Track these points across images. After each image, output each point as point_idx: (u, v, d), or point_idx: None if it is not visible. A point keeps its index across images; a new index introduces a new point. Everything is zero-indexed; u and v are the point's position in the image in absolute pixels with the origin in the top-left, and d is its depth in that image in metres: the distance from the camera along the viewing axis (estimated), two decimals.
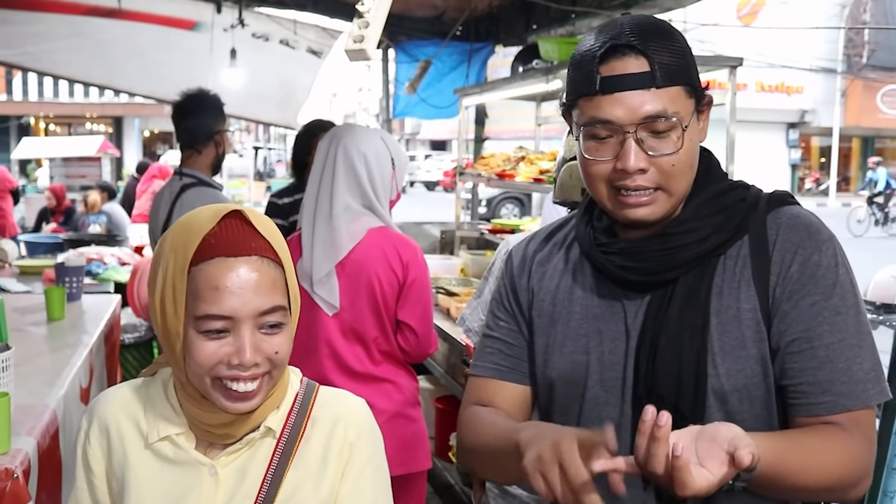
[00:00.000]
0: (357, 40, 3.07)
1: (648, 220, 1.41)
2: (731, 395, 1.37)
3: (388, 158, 2.81)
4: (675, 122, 1.36)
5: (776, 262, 1.39)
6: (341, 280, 2.74)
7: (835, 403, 1.35)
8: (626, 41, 1.36)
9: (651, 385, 1.39)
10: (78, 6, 7.05)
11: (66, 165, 15.95)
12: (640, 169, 1.36)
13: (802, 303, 1.37)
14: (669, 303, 1.41)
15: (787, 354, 1.37)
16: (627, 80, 1.35)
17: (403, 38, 7.78)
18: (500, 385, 1.60)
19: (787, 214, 1.43)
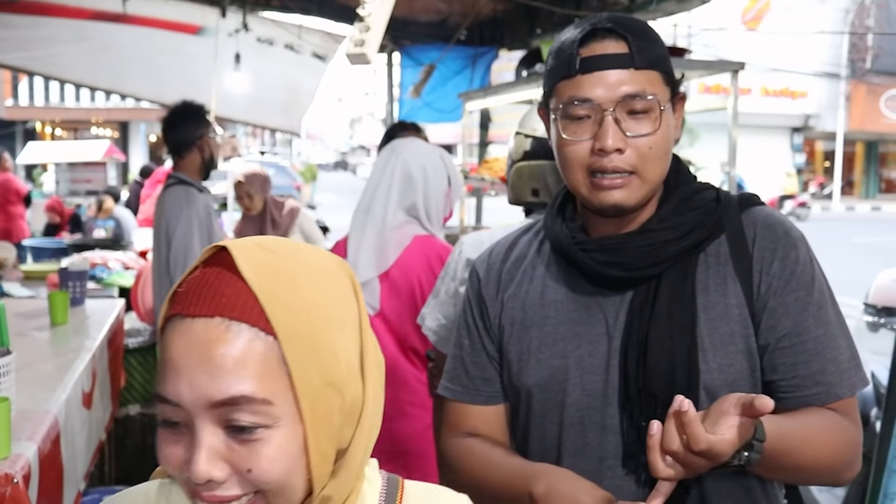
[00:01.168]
0: (358, 44, 3.08)
1: (623, 205, 1.41)
2: (721, 390, 1.37)
3: (445, 175, 2.87)
4: (653, 101, 1.38)
5: (757, 259, 1.42)
6: (384, 285, 2.79)
7: (827, 393, 1.39)
8: (605, 25, 1.40)
9: (643, 384, 1.39)
10: (83, 11, 7.06)
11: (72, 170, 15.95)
12: (617, 149, 1.37)
13: (788, 299, 1.40)
14: (655, 299, 1.41)
15: (778, 350, 1.40)
16: (607, 59, 1.38)
17: (407, 42, 7.78)
18: (472, 410, 1.60)
19: (762, 214, 1.47)
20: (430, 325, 2.30)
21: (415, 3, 7.03)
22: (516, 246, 1.64)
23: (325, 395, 0.89)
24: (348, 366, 0.92)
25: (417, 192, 2.80)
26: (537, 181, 2.12)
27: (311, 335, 0.88)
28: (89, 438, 2.97)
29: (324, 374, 0.89)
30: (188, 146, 3.92)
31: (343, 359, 0.91)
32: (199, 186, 3.92)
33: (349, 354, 0.93)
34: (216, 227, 3.93)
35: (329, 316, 0.91)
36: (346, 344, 0.92)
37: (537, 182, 2.12)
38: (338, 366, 0.90)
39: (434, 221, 2.86)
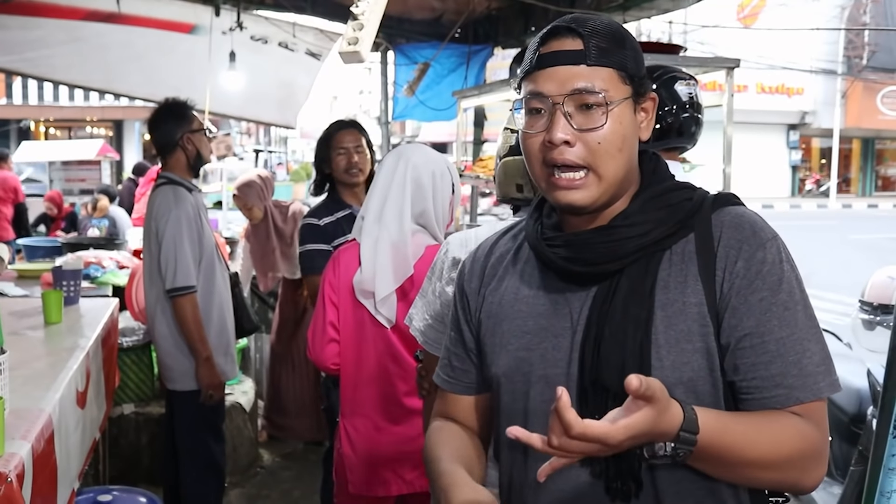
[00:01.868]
0: (351, 42, 3.07)
1: (579, 204, 1.44)
2: (676, 387, 1.37)
3: (451, 183, 2.87)
4: (602, 98, 1.41)
5: (721, 257, 1.42)
6: (400, 298, 2.80)
7: (787, 396, 1.37)
8: (565, 24, 1.44)
9: (595, 376, 1.41)
10: (76, 11, 7.06)
11: (66, 169, 15.93)
12: (565, 141, 1.41)
13: (751, 298, 1.40)
14: (614, 295, 1.44)
15: (739, 350, 1.40)
16: (560, 55, 1.43)
17: (402, 40, 7.79)
18: (452, 398, 1.72)
19: (731, 214, 1.47)
20: (417, 326, 2.31)
21: (409, 1, 7.04)
22: (499, 243, 1.70)
23: None
24: None
25: (427, 200, 2.80)
26: (521, 176, 2.12)
27: None
28: (83, 437, 2.97)
29: None
30: (172, 146, 3.91)
31: None
32: (189, 185, 3.91)
33: None
34: (207, 227, 3.92)
35: None
36: None
37: (521, 177, 2.12)
38: None
39: (440, 228, 2.86)
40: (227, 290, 4.04)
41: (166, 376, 3.94)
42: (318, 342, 2.87)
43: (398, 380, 2.82)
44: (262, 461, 5.48)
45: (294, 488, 5.08)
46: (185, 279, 3.74)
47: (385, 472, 2.84)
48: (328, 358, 2.87)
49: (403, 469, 2.84)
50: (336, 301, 2.85)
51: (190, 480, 3.96)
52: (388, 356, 2.80)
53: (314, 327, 2.90)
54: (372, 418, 2.86)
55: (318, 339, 2.87)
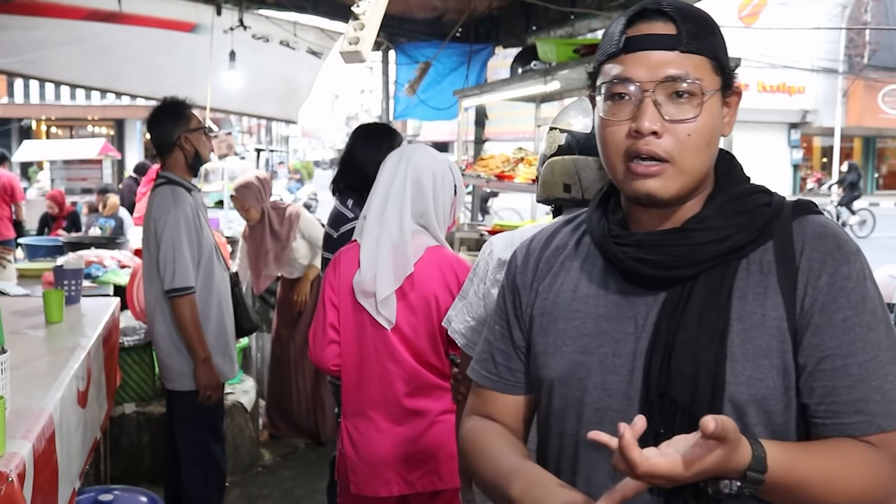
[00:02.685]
0: (352, 42, 3.07)
1: (656, 194, 1.35)
2: (749, 405, 1.31)
3: (452, 184, 2.86)
4: (697, 86, 1.32)
5: (804, 270, 1.33)
6: (400, 299, 2.79)
7: (868, 423, 1.28)
8: (655, 6, 1.35)
9: (665, 388, 1.32)
10: (78, 10, 7.06)
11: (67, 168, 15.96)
12: (653, 131, 1.32)
13: (835, 317, 1.30)
14: (688, 302, 1.34)
15: (819, 371, 1.30)
16: (651, 39, 1.34)
17: (403, 39, 7.78)
18: (493, 396, 1.61)
19: (814, 223, 1.38)
20: (457, 328, 2.24)
21: (410, 1, 7.04)
22: (557, 235, 1.59)
23: None
24: None
25: (428, 200, 2.79)
26: (570, 176, 2.08)
27: None
28: (84, 437, 2.97)
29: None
30: (170, 145, 3.91)
31: None
32: (188, 185, 3.91)
33: None
34: (206, 226, 3.92)
35: None
36: None
37: (570, 178, 2.08)
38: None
39: (441, 229, 2.86)
40: (227, 290, 4.04)
41: (165, 376, 3.94)
42: (318, 343, 2.87)
43: (398, 380, 2.82)
44: (264, 460, 5.49)
45: (295, 487, 5.08)
46: (183, 280, 3.74)
47: (387, 472, 2.84)
48: (329, 359, 2.87)
49: (405, 469, 2.84)
50: (336, 302, 2.86)
51: (191, 480, 3.96)
52: (389, 357, 2.81)
53: (314, 328, 2.90)
54: (373, 419, 2.87)
55: (319, 340, 2.87)
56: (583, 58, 4.14)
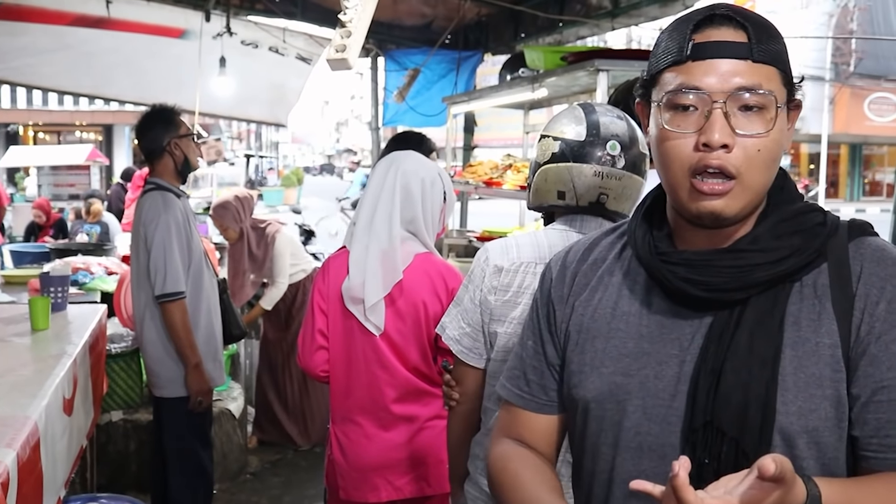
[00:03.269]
0: (339, 49, 3.07)
1: (722, 214, 1.26)
2: (800, 436, 1.24)
3: (442, 190, 2.86)
4: (771, 99, 1.24)
5: (861, 296, 1.25)
6: (388, 306, 2.79)
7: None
8: (724, 12, 1.26)
9: (710, 416, 1.24)
10: (65, 16, 7.04)
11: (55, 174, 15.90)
12: (724, 144, 1.23)
13: (893, 346, 1.23)
14: (738, 327, 1.26)
15: (873, 403, 1.22)
16: (723, 47, 1.25)
17: (392, 46, 7.80)
18: (524, 415, 1.53)
19: (872, 246, 1.30)
20: (451, 334, 2.23)
21: (399, 7, 7.05)
22: (597, 247, 1.51)
23: None
24: None
25: (417, 207, 2.79)
26: (564, 184, 2.09)
27: None
28: (70, 445, 2.95)
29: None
30: (159, 151, 3.90)
31: None
32: (177, 191, 3.91)
33: None
34: (196, 232, 3.92)
35: None
36: None
37: (564, 185, 2.09)
38: None
39: (431, 236, 2.86)
40: (216, 296, 4.03)
41: (154, 383, 3.92)
42: (307, 349, 2.87)
43: (387, 386, 2.81)
44: (252, 467, 5.47)
45: (284, 494, 5.07)
46: (174, 285, 3.73)
47: (375, 478, 2.84)
48: (317, 365, 2.87)
49: (393, 475, 2.84)
50: (325, 308, 2.85)
51: (178, 487, 3.94)
52: (377, 363, 2.80)
53: (303, 335, 2.90)
54: (361, 425, 2.86)
55: (308, 346, 2.87)
56: (570, 65, 4.15)
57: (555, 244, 2.13)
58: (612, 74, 3.85)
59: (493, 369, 2.17)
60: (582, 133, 2.07)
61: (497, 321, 2.14)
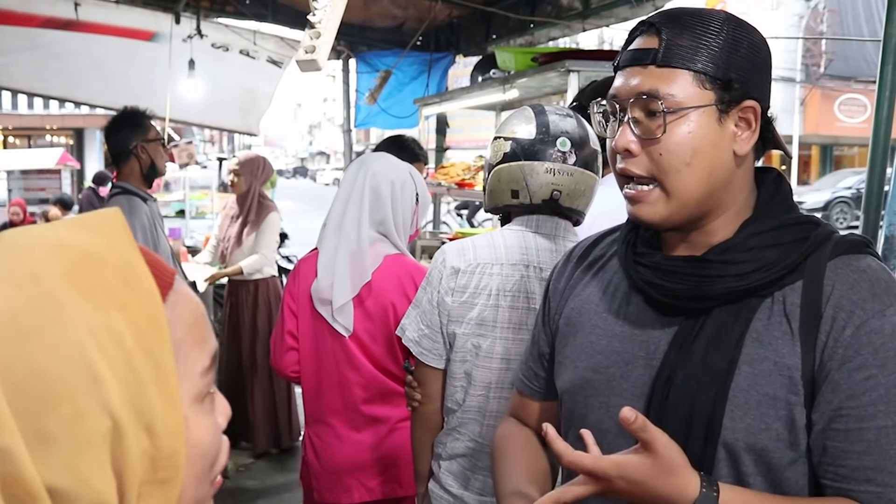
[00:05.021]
0: (309, 51, 3.07)
1: (648, 220, 1.29)
2: (746, 454, 1.22)
3: (413, 192, 2.86)
4: (661, 104, 1.24)
5: (828, 319, 1.21)
6: (357, 307, 2.79)
7: (878, 495, 1.17)
8: (651, 19, 1.30)
9: (660, 423, 1.21)
10: (34, 18, 6.97)
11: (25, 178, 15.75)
12: (626, 149, 1.27)
13: (856, 375, 1.18)
14: (696, 337, 1.26)
15: (831, 431, 1.19)
16: (633, 55, 1.29)
17: (364, 48, 7.80)
18: (524, 399, 1.63)
19: (851, 267, 1.24)
20: (411, 336, 2.24)
21: (370, 9, 7.04)
22: (599, 244, 1.54)
23: None
24: None
25: (387, 208, 2.78)
26: (517, 182, 2.11)
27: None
28: None
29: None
30: (126, 154, 3.88)
31: None
32: (144, 195, 3.88)
33: None
34: (162, 236, 3.90)
35: None
36: None
37: (517, 183, 2.11)
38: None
39: (402, 238, 2.86)
40: None
41: None
42: (277, 350, 2.88)
43: (357, 387, 2.82)
44: (226, 471, 5.44)
45: (258, 498, 5.05)
46: None
47: (348, 479, 2.84)
48: (287, 366, 2.87)
49: (365, 476, 2.84)
50: (295, 310, 2.86)
51: None
52: (347, 364, 2.80)
53: (275, 336, 2.91)
54: (333, 426, 2.86)
55: (278, 347, 2.87)
56: (541, 66, 4.17)
57: (511, 245, 2.15)
58: (584, 75, 3.86)
59: (453, 370, 2.19)
60: (532, 132, 2.10)
61: (455, 322, 2.15)
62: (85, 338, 0.62)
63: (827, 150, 35.30)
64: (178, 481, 0.68)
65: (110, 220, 0.70)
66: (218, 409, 0.78)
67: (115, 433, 0.63)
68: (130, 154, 3.88)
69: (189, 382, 0.72)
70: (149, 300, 0.67)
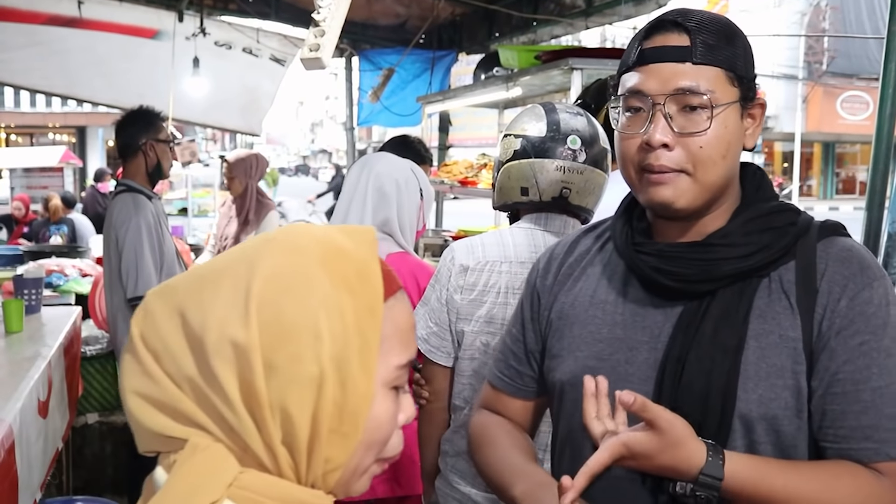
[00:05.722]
0: (313, 49, 3.07)
1: (670, 203, 1.34)
2: (759, 423, 1.30)
3: (417, 188, 2.85)
4: (707, 100, 1.31)
5: (823, 293, 1.32)
6: None
7: (876, 451, 1.26)
8: (671, 18, 1.35)
9: (675, 402, 1.30)
10: (38, 15, 6.99)
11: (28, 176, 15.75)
12: (664, 144, 1.32)
13: (851, 341, 1.29)
14: (704, 317, 1.34)
15: (830, 395, 1.29)
16: (664, 51, 1.33)
17: (367, 46, 7.80)
18: (502, 396, 1.63)
19: (839, 246, 1.36)
20: (419, 334, 2.23)
21: (374, 7, 7.04)
22: (580, 243, 1.58)
23: None
24: None
25: (391, 207, 2.78)
26: (527, 180, 2.11)
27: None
28: (45, 447, 2.94)
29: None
30: (133, 151, 3.89)
31: None
32: (149, 193, 3.89)
33: None
34: (167, 234, 3.90)
35: None
36: None
37: (527, 181, 2.11)
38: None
39: (407, 236, 2.85)
40: None
41: None
42: None
43: None
44: None
45: None
46: (146, 287, 3.70)
47: None
48: None
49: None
50: None
51: None
52: None
53: None
54: None
55: None
56: (544, 64, 4.17)
57: (520, 243, 2.15)
58: (586, 73, 3.87)
59: (461, 368, 2.19)
60: (543, 129, 2.10)
61: (464, 320, 2.16)
62: (319, 304, 0.83)
63: (829, 147, 35.26)
64: (355, 438, 0.86)
65: (363, 232, 0.93)
66: (402, 406, 0.94)
67: (319, 380, 0.82)
68: (138, 150, 3.89)
69: (385, 368, 0.90)
70: (373, 294, 0.88)
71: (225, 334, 0.82)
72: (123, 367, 0.88)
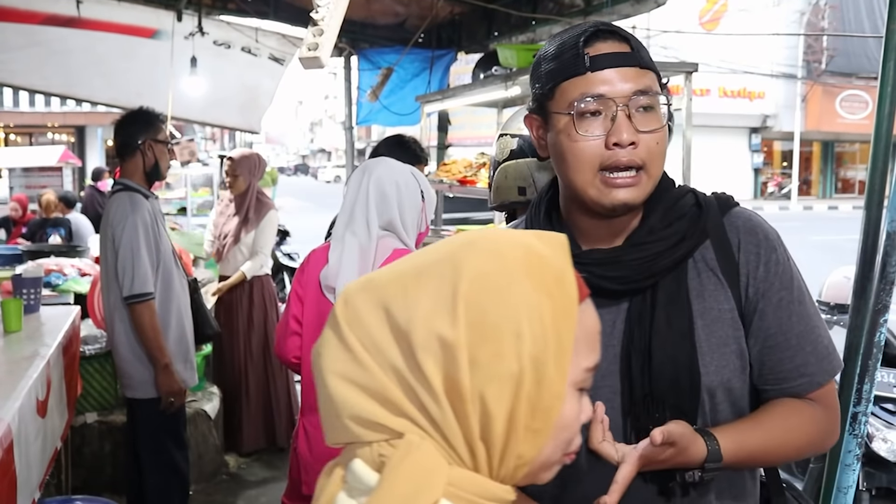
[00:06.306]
0: (311, 48, 3.07)
1: (631, 203, 1.43)
2: (718, 389, 1.45)
3: (418, 190, 2.89)
4: (658, 99, 1.42)
5: (743, 264, 1.48)
6: None
7: (810, 382, 1.48)
8: (604, 28, 1.44)
9: (649, 389, 1.43)
10: (36, 15, 6.98)
11: (27, 176, 15.76)
12: (632, 142, 1.40)
13: (773, 299, 1.47)
14: (654, 308, 1.45)
15: (766, 349, 1.47)
16: (615, 57, 1.42)
17: (366, 45, 7.79)
18: None
19: (742, 218, 1.52)
20: None
21: (372, 6, 7.04)
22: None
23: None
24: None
25: (393, 209, 2.82)
26: (524, 179, 2.11)
27: None
28: (44, 447, 2.94)
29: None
30: (131, 150, 3.90)
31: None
32: (146, 192, 3.89)
33: None
34: (164, 233, 3.90)
35: None
36: None
37: (524, 180, 2.12)
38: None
39: (411, 235, 2.88)
40: (186, 297, 4.01)
41: (126, 384, 3.90)
42: (281, 335, 2.89)
43: None
44: (228, 468, 5.45)
45: (260, 495, 5.06)
46: (142, 286, 3.70)
47: None
48: (290, 351, 2.88)
49: None
50: (302, 295, 2.88)
51: (153, 489, 3.93)
52: None
53: (281, 322, 2.94)
54: None
55: (282, 331, 2.89)
56: None
57: None
58: None
59: None
60: None
61: None
62: (521, 305, 0.88)
63: (828, 146, 35.27)
64: (546, 434, 0.91)
65: (558, 239, 0.97)
66: (582, 407, 0.98)
67: (518, 378, 0.87)
68: (136, 150, 3.89)
69: (575, 370, 0.94)
70: (569, 299, 0.93)
71: (433, 331, 0.87)
72: (327, 351, 0.94)
